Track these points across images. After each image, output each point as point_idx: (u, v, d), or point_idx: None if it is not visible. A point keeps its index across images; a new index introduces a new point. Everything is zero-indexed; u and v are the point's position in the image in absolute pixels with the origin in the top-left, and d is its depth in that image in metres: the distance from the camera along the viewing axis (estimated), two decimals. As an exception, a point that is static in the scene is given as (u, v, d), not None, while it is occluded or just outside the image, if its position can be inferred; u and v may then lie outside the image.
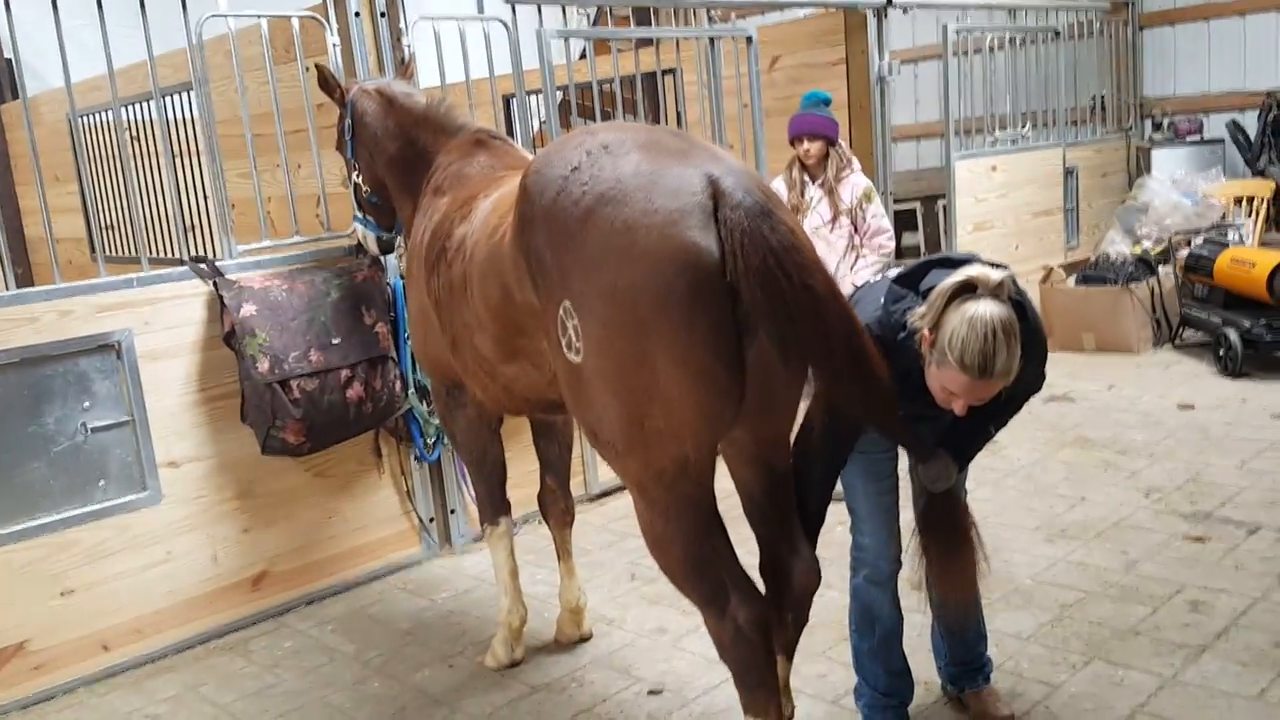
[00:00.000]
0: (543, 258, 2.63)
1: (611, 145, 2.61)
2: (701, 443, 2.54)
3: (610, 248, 2.45)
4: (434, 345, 3.75)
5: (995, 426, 2.98)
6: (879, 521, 3.13)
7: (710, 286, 2.40)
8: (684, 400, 2.45)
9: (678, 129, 2.88)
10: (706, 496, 2.63)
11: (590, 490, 5.69)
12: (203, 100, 4.63)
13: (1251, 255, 7.11)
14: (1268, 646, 3.63)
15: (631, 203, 2.45)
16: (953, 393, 2.62)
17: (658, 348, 2.42)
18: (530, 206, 2.68)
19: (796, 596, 2.89)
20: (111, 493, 4.22)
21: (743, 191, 2.45)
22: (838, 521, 5.04)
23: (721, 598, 2.61)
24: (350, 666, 4.15)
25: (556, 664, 4.02)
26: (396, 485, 5.02)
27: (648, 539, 2.69)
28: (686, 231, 2.40)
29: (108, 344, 4.19)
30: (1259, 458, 5.44)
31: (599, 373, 2.53)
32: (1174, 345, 7.82)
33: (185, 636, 4.41)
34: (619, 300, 2.43)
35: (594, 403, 2.60)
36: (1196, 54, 9.25)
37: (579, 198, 2.54)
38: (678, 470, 2.55)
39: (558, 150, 2.72)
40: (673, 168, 2.51)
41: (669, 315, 2.39)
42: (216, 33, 4.98)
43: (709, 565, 2.62)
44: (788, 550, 2.89)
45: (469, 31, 5.17)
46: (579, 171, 2.58)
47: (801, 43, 7.81)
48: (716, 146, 2.74)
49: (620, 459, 2.64)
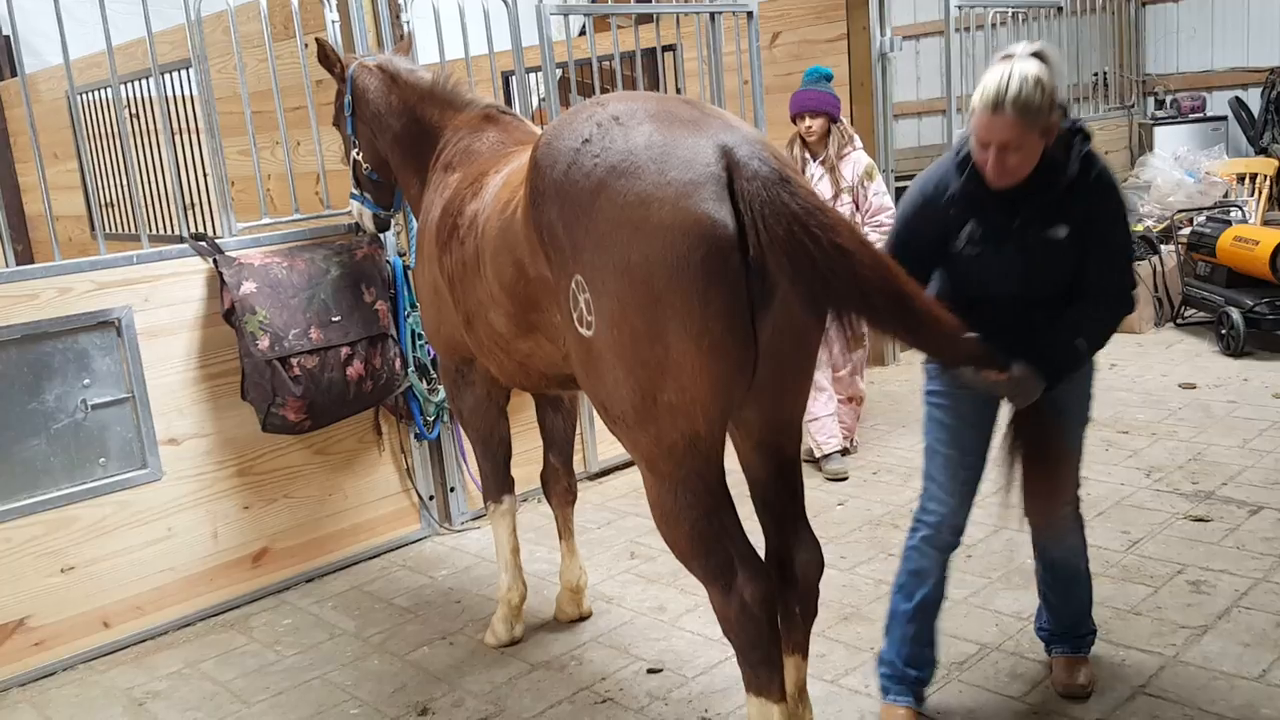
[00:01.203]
0: (555, 231, 2.61)
1: (622, 116, 2.58)
2: (713, 417, 2.53)
3: (623, 220, 2.43)
4: (447, 323, 3.73)
5: (1083, 340, 2.89)
6: (951, 490, 3.12)
7: (725, 259, 2.38)
8: (697, 374, 2.44)
9: (688, 98, 2.83)
10: (716, 472, 2.62)
11: (590, 468, 5.69)
12: (202, 77, 4.60)
13: (1254, 234, 7.09)
14: (1269, 627, 3.64)
15: (644, 175, 2.43)
16: (982, 144, 2.74)
17: (671, 321, 2.40)
18: (541, 180, 2.66)
19: (802, 588, 2.87)
20: (112, 469, 4.22)
21: (758, 160, 2.42)
22: (836, 502, 5.08)
23: (728, 574, 2.61)
24: (350, 644, 4.16)
25: (556, 641, 4.03)
26: (396, 463, 5.02)
27: (656, 514, 2.68)
28: (701, 204, 2.38)
29: (108, 321, 4.18)
30: (1261, 437, 5.44)
31: (611, 346, 2.51)
32: (1176, 324, 7.81)
33: (186, 613, 4.42)
34: (632, 273, 2.41)
35: (605, 377, 2.58)
36: (1200, 30, 9.20)
37: (590, 170, 2.51)
38: (688, 445, 2.54)
39: (568, 123, 2.69)
40: (685, 138, 2.48)
41: (683, 289, 2.37)
42: (215, 9, 4.95)
43: (717, 541, 2.61)
44: (793, 539, 2.87)
45: (468, 8, 5.13)
46: (590, 144, 2.55)
47: (803, 18, 7.75)
48: (729, 114, 2.71)
49: (631, 433, 2.63)
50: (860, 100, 7.32)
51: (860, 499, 5.14)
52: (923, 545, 3.18)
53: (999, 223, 2.88)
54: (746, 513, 2.74)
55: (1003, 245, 2.88)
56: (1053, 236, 2.85)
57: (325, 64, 4.17)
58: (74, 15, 4.99)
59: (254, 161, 4.79)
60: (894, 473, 5.45)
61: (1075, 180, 2.83)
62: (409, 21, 4.93)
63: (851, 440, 5.77)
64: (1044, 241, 2.86)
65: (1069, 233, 2.85)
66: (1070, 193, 2.84)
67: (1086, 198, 2.83)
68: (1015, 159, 2.76)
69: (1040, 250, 2.87)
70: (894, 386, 7.03)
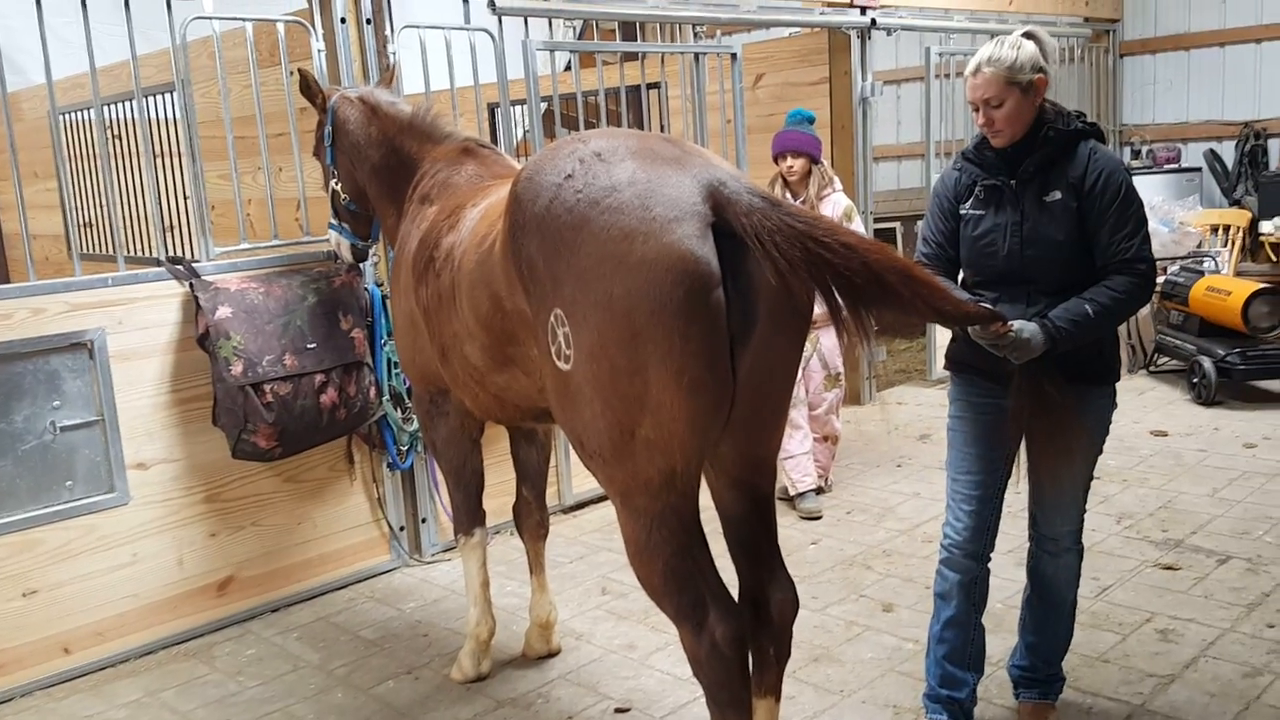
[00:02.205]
0: (534, 265, 2.61)
1: (605, 153, 2.59)
2: (690, 453, 2.53)
3: (606, 255, 2.43)
4: (422, 354, 3.72)
5: (1091, 306, 2.95)
6: (955, 506, 3.24)
7: (707, 296, 2.40)
8: (676, 410, 2.44)
9: (669, 136, 2.85)
10: (691, 509, 2.62)
11: (564, 502, 5.67)
12: (185, 101, 4.59)
13: (1226, 284, 7.17)
14: (1235, 678, 3.65)
15: (628, 211, 2.44)
16: (972, 105, 3.06)
17: (652, 357, 2.41)
18: (522, 214, 2.66)
19: (776, 628, 2.85)
20: (79, 493, 4.17)
21: (748, 193, 2.47)
22: (809, 541, 5.08)
23: (700, 612, 2.60)
24: (314, 676, 4.11)
25: (523, 678, 3.99)
26: (368, 492, 4.98)
27: (629, 550, 2.67)
28: (685, 240, 2.39)
29: (80, 343, 4.15)
30: (1231, 486, 5.47)
31: (590, 380, 2.51)
32: (1149, 371, 7.88)
33: (148, 641, 4.35)
34: (614, 308, 2.41)
35: (582, 411, 2.58)
36: (1176, 83, 9.36)
37: (573, 205, 2.52)
38: (664, 481, 2.54)
39: (549, 158, 2.70)
40: (669, 175, 2.50)
41: (664, 324, 2.38)
42: (201, 34, 4.95)
43: (690, 578, 2.60)
44: (768, 578, 2.86)
45: (454, 40, 5.16)
46: (572, 179, 2.56)
47: (786, 61, 7.84)
48: (709, 152, 2.73)
49: (607, 468, 2.62)
50: (841, 143, 7.40)
51: (833, 538, 5.14)
52: (941, 568, 3.29)
53: (1000, 183, 3.10)
54: (718, 551, 2.74)
55: (1002, 207, 3.09)
56: (1049, 199, 3.04)
57: (307, 94, 4.19)
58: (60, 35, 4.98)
59: (234, 186, 4.78)
60: (868, 512, 5.45)
61: (1073, 150, 3.05)
62: (395, 52, 4.95)
63: (826, 479, 5.77)
64: (1040, 205, 3.04)
65: (1067, 201, 3.02)
66: (1067, 159, 3.04)
67: (1085, 166, 3.01)
68: (1000, 114, 3.01)
69: (1036, 212, 3.04)
70: (869, 426, 7.05)
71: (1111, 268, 3.00)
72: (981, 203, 3.14)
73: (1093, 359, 3.09)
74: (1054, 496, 3.24)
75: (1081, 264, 3.03)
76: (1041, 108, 3.06)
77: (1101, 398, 3.17)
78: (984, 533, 3.23)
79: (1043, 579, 3.37)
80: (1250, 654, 3.79)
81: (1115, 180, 3.00)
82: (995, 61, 2.99)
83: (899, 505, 5.52)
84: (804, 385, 5.56)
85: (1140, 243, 3.01)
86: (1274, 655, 3.77)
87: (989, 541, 3.25)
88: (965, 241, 3.18)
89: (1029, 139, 3.06)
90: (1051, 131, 3.04)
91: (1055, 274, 3.03)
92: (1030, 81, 2.99)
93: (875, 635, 4.12)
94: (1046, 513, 3.29)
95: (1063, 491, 3.23)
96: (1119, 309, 2.99)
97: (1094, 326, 2.95)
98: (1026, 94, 3.00)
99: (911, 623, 4.16)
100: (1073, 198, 3.01)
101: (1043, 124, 3.05)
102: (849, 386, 6.52)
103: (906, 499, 5.63)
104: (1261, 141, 8.76)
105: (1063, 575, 3.35)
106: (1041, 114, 3.06)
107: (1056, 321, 2.92)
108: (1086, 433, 3.11)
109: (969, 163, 3.20)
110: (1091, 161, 3.02)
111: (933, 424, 6.97)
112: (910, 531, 5.17)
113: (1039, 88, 3.02)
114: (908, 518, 5.36)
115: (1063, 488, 3.22)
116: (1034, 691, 3.45)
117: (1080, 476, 3.22)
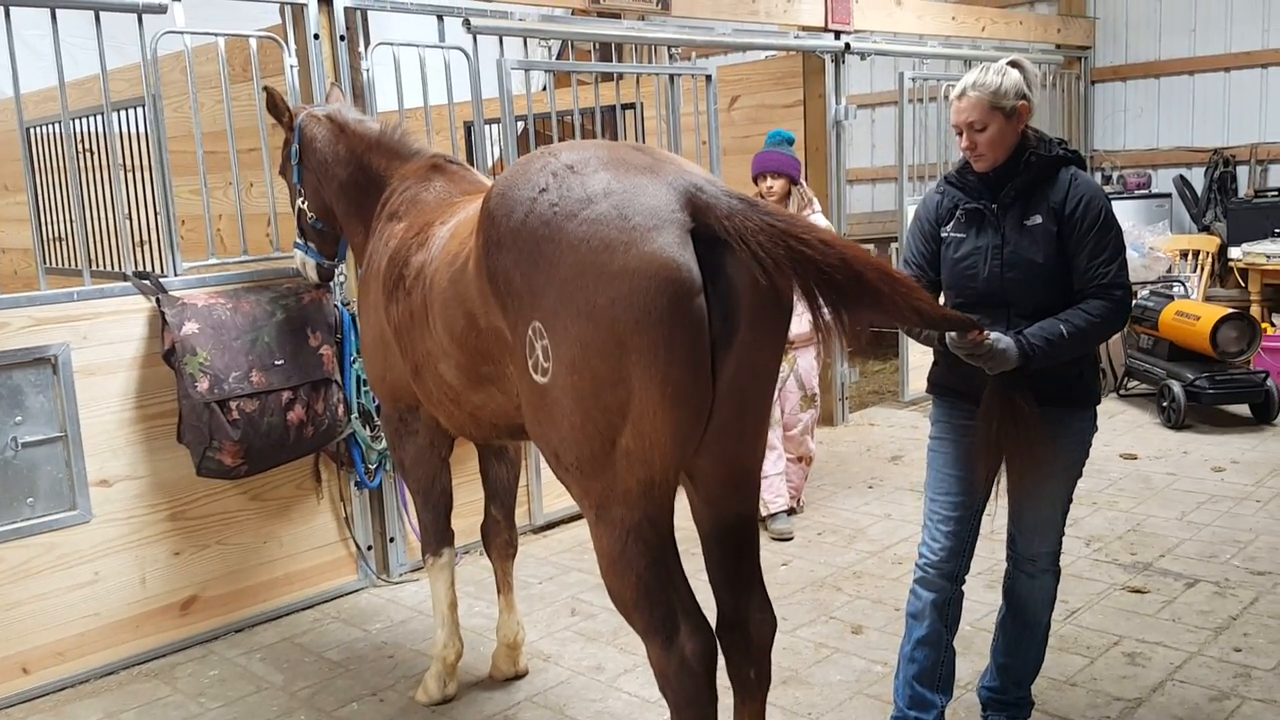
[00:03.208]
0: (511, 279, 2.60)
1: (577, 165, 2.59)
2: (669, 463, 2.52)
3: (588, 266, 2.42)
4: (393, 371, 3.69)
5: (1066, 326, 2.97)
6: (933, 526, 3.25)
7: (690, 303, 2.40)
8: (658, 420, 2.44)
9: (639, 145, 2.85)
10: (667, 520, 2.61)
11: (534, 521, 5.63)
12: (155, 116, 4.55)
13: (1196, 309, 7.24)
14: (1202, 701, 3.65)
15: (607, 222, 2.44)
16: (956, 129, 3.11)
17: (636, 366, 2.40)
18: (496, 229, 2.64)
19: (755, 650, 2.83)
20: (39, 510, 4.11)
21: (726, 196, 2.49)
22: (780, 562, 5.06)
23: (670, 626, 2.58)
24: (277, 697, 4.05)
25: (489, 700, 3.95)
26: (335, 511, 4.93)
27: (603, 563, 2.65)
28: (666, 248, 2.40)
29: (44, 358, 4.09)
30: (1199, 510, 5.50)
31: (570, 392, 2.50)
32: (1119, 395, 7.93)
33: (109, 661, 4.28)
34: (598, 319, 2.41)
35: (560, 424, 2.56)
36: (1146, 110, 9.47)
37: (549, 218, 2.51)
38: (643, 491, 2.53)
39: (521, 173, 2.69)
40: (645, 184, 2.50)
41: (649, 334, 2.38)
42: (173, 49, 4.92)
43: (662, 591, 2.59)
44: (748, 599, 2.83)
45: (429, 58, 5.15)
46: (546, 193, 2.55)
47: (761, 84, 7.88)
48: (680, 158, 2.73)
49: (584, 480, 2.60)
50: (815, 165, 7.44)
51: (804, 559, 5.12)
52: (916, 587, 3.30)
53: (982, 206, 3.14)
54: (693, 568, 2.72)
55: (984, 230, 3.13)
56: (1030, 223, 3.07)
57: (274, 112, 4.17)
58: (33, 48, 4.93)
59: (204, 201, 4.74)
60: (839, 534, 5.45)
61: (1054, 176, 3.09)
62: (369, 69, 4.94)
63: (798, 500, 5.76)
64: (1020, 228, 3.07)
65: (1047, 225, 3.05)
66: (1049, 184, 3.08)
67: (1066, 191, 3.06)
68: (984, 139, 3.06)
69: (1017, 236, 3.07)
70: (842, 447, 7.05)
71: (1089, 292, 3.03)
72: (963, 225, 3.18)
73: (1072, 382, 3.11)
74: (1032, 517, 3.25)
75: (1060, 287, 3.06)
76: (1024, 134, 3.11)
77: (1082, 420, 3.19)
78: (960, 554, 3.24)
79: (1018, 600, 3.37)
80: (1217, 678, 3.80)
81: (1095, 206, 3.04)
82: (980, 86, 3.05)
83: (870, 527, 5.52)
84: (780, 405, 5.55)
85: (1118, 269, 3.04)
86: (1240, 679, 3.78)
87: (965, 563, 3.26)
88: (946, 263, 3.22)
89: (1011, 164, 3.10)
90: (1034, 157, 3.08)
91: (1035, 297, 3.06)
92: (1014, 107, 3.05)
93: (844, 658, 4.10)
94: (1025, 533, 3.29)
95: (1041, 512, 3.24)
96: (1094, 331, 3.02)
97: (1068, 346, 2.98)
98: (1010, 119, 3.06)
99: (880, 645, 4.15)
100: (1053, 222, 3.05)
101: (1025, 149, 3.10)
102: (822, 407, 6.52)
103: (877, 520, 5.63)
104: (1230, 168, 8.87)
105: (1039, 596, 3.35)
106: (1024, 140, 3.11)
107: (1031, 338, 2.95)
108: (1065, 452, 3.13)
109: (951, 186, 3.25)
110: (1073, 187, 3.07)
111: (905, 445, 6.98)
112: (881, 553, 5.16)
113: (1022, 114, 3.07)
114: (878, 539, 5.35)
115: (1040, 508, 3.22)
116: (1002, 714, 3.45)
117: (1059, 498, 3.24)
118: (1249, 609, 4.33)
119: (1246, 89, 8.87)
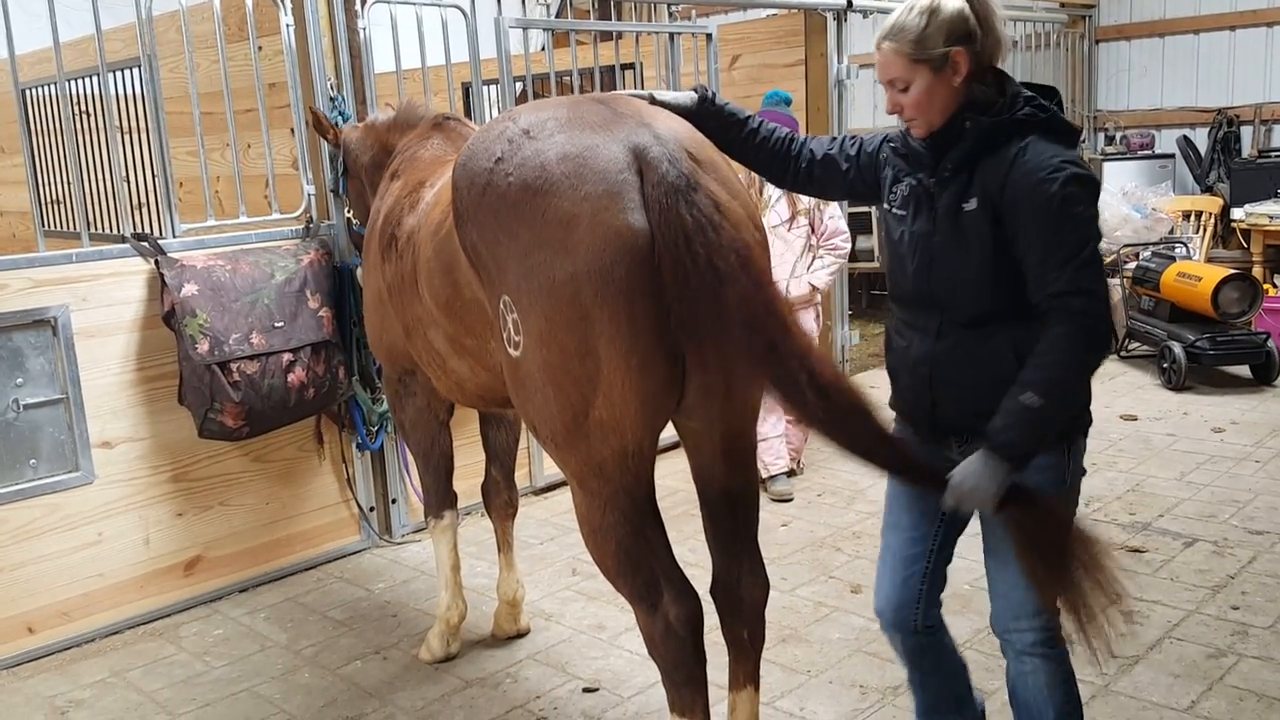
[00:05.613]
0: (479, 252, 2.59)
1: (533, 129, 2.53)
2: (642, 433, 2.52)
3: (545, 240, 2.40)
4: (389, 331, 3.69)
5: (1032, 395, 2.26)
6: (883, 570, 2.81)
7: (649, 269, 2.35)
8: (627, 389, 2.42)
9: (602, 95, 2.77)
10: (645, 489, 2.61)
11: (535, 483, 5.65)
12: (151, 76, 4.52)
13: (1197, 270, 7.22)
14: (1200, 659, 3.68)
15: (559, 191, 2.40)
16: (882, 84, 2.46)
17: (600, 338, 2.38)
18: (460, 202, 2.64)
19: (748, 612, 2.83)
20: (42, 471, 4.12)
21: (668, 162, 2.38)
22: (780, 523, 5.08)
23: (654, 593, 2.59)
24: (281, 656, 4.09)
25: (492, 658, 3.98)
26: (337, 473, 4.95)
27: (584, 530, 2.67)
28: (619, 215, 2.35)
29: (43, 320, 4.09)
30: (1198, 470, 5.52)
31: (541, 365, 2.49)
32: (1120, 356, 7.92)
33: (114, 621, 4.32)
34: (559, 293, 2.39)
35: (535, 396, 2.56)
36: (1151, 69, 9.39)
37: (505, 190, 2.47)
38: (618, 462, 2.53)
39: (481, 141, 2.65)
40: (598, 145, 2.43)
41: (610, 304, 2.35)
42: (168, 8, 4.87)
43: (643, 558, 2.60)
44: (737, 563, 2.81)
45: (426, 17, 5.10)
46: (503, 163, 2.51)
47: (762, 43, 7.81)
48: (645, 107, 2.63)
49: (561, 452, 2.61)
50: (815, 125, 7.38)
51: (804, 520, 5.15)
52: (881, 625, 2.83)
53: (918, 181, 2.52)
54: (683, 534, 2.73)
55: (919, 213, 2.51)
56: (967, 208, 2.39)
57: (320, 131, 4.38)
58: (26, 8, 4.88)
59: (201, 162, 4.72)
60: (838, 495, 5.47)
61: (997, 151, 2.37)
62: (365, 28, 4.89)
63: (798, 462, 5.78)
64: (956, 214, 2.41)
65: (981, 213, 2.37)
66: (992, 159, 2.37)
67: (1006, 172, 2.33)
68: (908, 99, 2.42)
69: (949, 224, 2.43)
70: (842, 410, 7.05)
71: (1044, 308, 2.29)
72: (901, 203, 2.56)
73: None
74: (1001, 582, 2.61)
75: (1000, 294, 2.39)
76: (970, 89, 2.40)
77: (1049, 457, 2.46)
78: (912, 591, 2.70)
79: (1010, 689, 2.73)
80: (1215, 635, 3.82)
81: (1045, 190, 2.27)
82: (896, 34, 2.39)
83: (869, 488, 5.53)
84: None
85: (1077, 270, 2.25)
86: (1238, 637, 3.81)
87: (922, 612, 2.71)
88: (886, 245, 2.69)
89: (953, 128, 2.42)
90: (968, 121, 2.38)
91: (966, 304, 2.44)
92: (944, 55, 2.35)
93: (843, 616, 4.13)
94: (996, 603, 2.66)
95: (1009, 577, 2.55)
96: (1068, 375, 2.29)
97: (1051, 412, 2.28)
98: (939, 73, 2.37)
99: (880, 604, 4.17)
100: (989, 209, 2.35)
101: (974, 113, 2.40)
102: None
103: (876, 482, 5.61)
104: (1234, 128, 8.80)
105: (1030, 684, 2.65)
106: (969, 97, 2.41)
107: (998, 438, 2.28)
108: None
109: (894, 153, 2.62)
110: (1016, 164, 2.32)
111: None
112: (879, 514, 5.12)
113: (958, 63, 2.37)
114: (877, 500, 5.32)
115: (1008, 572, 2.54)
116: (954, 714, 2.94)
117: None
118: (1247, 568, 4.35)
119: (1252, 48, 8.79)
